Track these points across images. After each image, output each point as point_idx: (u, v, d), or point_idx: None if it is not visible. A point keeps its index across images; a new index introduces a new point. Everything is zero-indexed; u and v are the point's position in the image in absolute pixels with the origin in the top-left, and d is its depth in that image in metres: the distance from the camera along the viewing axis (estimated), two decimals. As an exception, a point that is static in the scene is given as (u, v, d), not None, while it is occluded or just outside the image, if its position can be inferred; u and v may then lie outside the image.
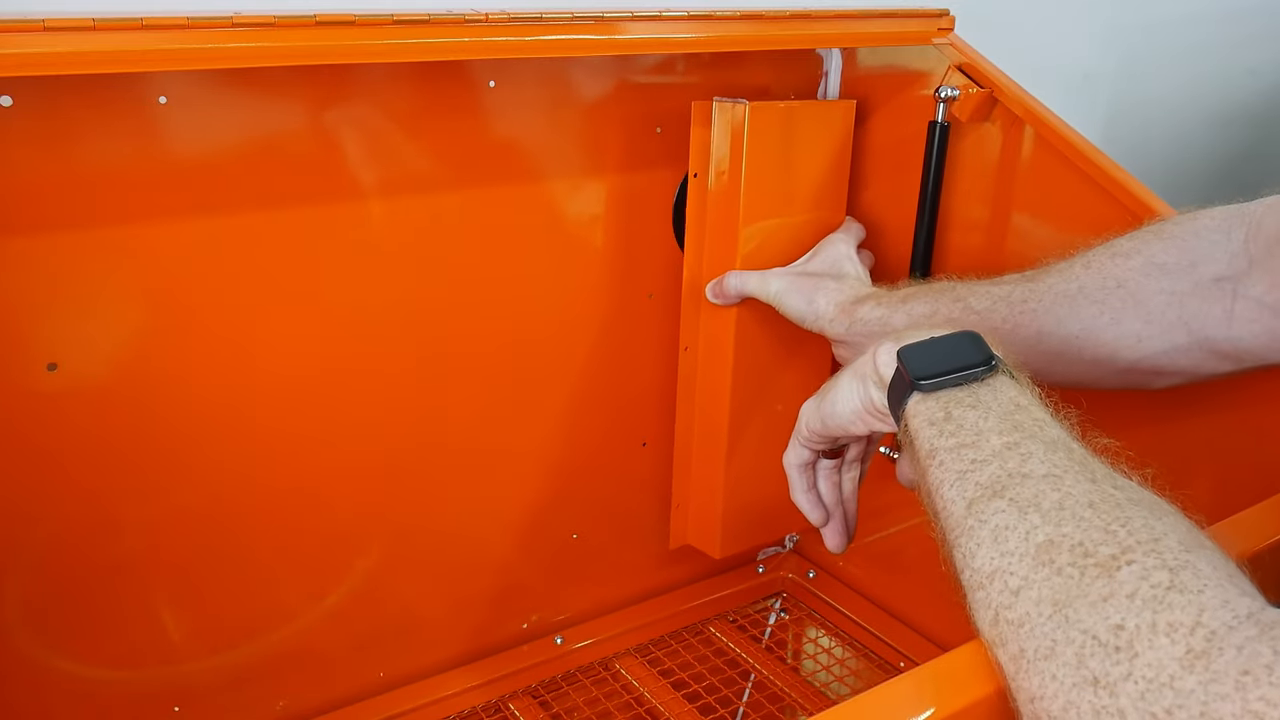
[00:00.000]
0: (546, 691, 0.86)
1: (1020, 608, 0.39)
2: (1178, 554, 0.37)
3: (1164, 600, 0.35)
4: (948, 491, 0.45)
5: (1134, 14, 1.31)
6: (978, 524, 0.42)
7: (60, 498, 0.65)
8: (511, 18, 0.63)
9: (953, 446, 0.46)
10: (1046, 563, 0.39)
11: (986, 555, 0.41)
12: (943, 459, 0.46)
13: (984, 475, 0.44)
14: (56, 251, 0.61)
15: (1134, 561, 0.37)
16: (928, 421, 0.48)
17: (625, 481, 0.90)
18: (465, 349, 0.77)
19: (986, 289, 0.66)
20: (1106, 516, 0.39)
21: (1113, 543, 0.38)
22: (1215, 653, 0.33)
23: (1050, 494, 0.41)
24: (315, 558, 0.76)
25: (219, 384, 0.68)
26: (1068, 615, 0.37)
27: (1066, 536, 0.39)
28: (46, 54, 0.50)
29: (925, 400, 0.49)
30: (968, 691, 0.40)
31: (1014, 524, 0.41)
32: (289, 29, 0.56)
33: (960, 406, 0.47)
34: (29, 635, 0.67)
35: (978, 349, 0.50)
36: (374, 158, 0.69)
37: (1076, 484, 0.42)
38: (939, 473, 0.46)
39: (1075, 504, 0.40)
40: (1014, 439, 0.45)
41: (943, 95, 0.78)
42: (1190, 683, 0.33)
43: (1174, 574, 0.36)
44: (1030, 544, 0.40)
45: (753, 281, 0.78)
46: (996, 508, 0.42)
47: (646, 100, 0.79)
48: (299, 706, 0.79)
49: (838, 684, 0.89)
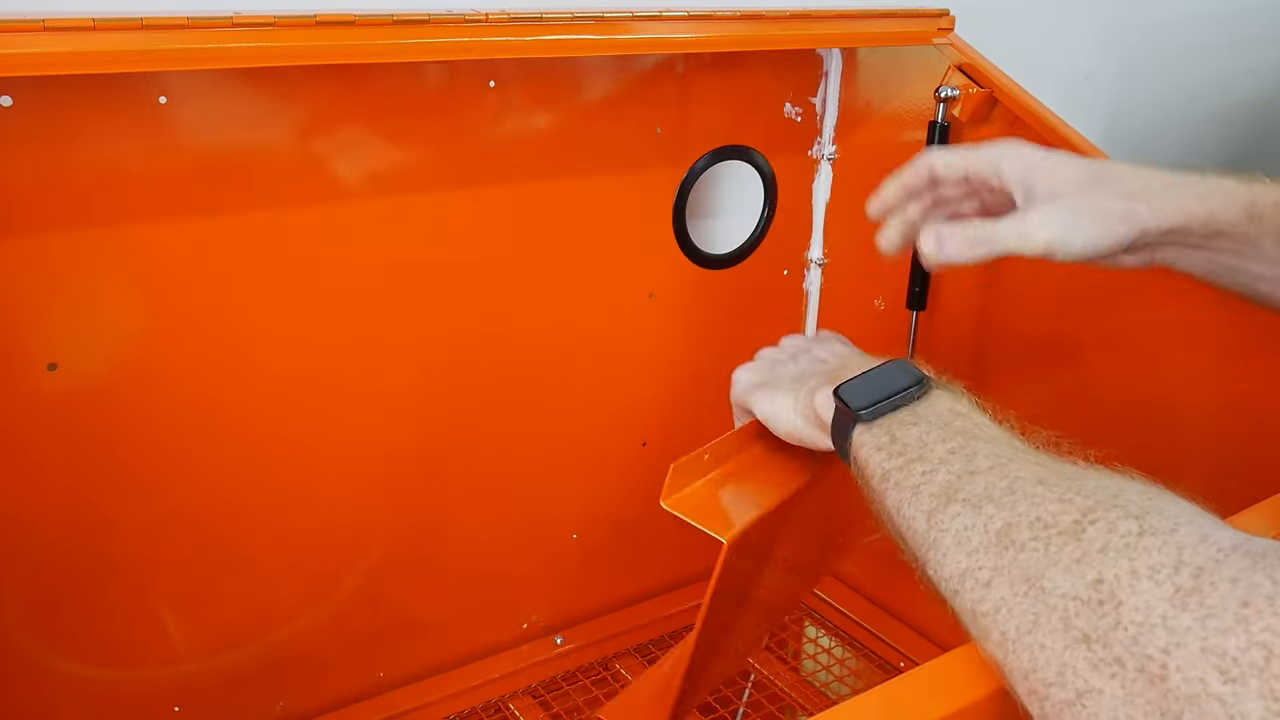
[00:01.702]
0: (546, 691, 0.86)
1: (994, 596, 0.39)
2: (1139, 502, 0.37)
3: (1137, 546, 0.35)
4: (907, 510, 0.45)
5: (1134, 14, 1.31)
6: (939, 534, 0.42)
7: (60, 498, 0.65)
8: (511, 18, 0.63)
9: (902, 465, 0.47)
10: (1009, 545, 0.39)
11: (953, 561, 0.41)
12: (896, 479, 0.47)
13: (934, 485, 0.44)
14: (56, 251, 0.60)
15: (1098, 520, 0.37)
16: (875, 448, 0.49)
17: (625, 481, 0.90)
18: (465, 349, 0.77)
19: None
20: (1058, 489, 0.40)
21: (1071, 509, 0.38)
22: (1208, 588, 0.32)
23: (999, 483, 0.42)
24: (315, 558, 0.76)
25: (219, 384, 0.68)
26: (1043, 586, 0.37)
27: (1022, 515, 0.39)
28: (46, 54, 0.50)
29: (869, 429, 0.50)
30: (968, 691, 0.40)
31: (972, 522, 0.41)
32: (289, 29, 0.56)
33: (903, 427, 0.49)
34: (29, 635, 0.67)
35: (908, 373, 0.52)
36: (374, 158, 0.69)
37: (1023, 467, 0.42)
38: (895, 494, 0.46)
39: (1024, 484, 0.41)
40: (957, 443, 0.46)
41: (943, 95, 0.78)
42: (1185, 620, 0.32)
43: (1140, 520, 0.36)
44: (989, 534, 0.40)
45: None
46: (953, 513, 0.42)
47: (646, 100, 0.79)
48: (299, 706, 0.79)
49: (838, 684, 0.89)
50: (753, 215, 0.89)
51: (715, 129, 0.83)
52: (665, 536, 0.91)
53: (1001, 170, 0.59)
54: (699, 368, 0.90)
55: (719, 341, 0.90)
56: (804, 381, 0.59)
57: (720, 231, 0.89)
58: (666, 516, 0.91)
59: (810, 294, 0.94)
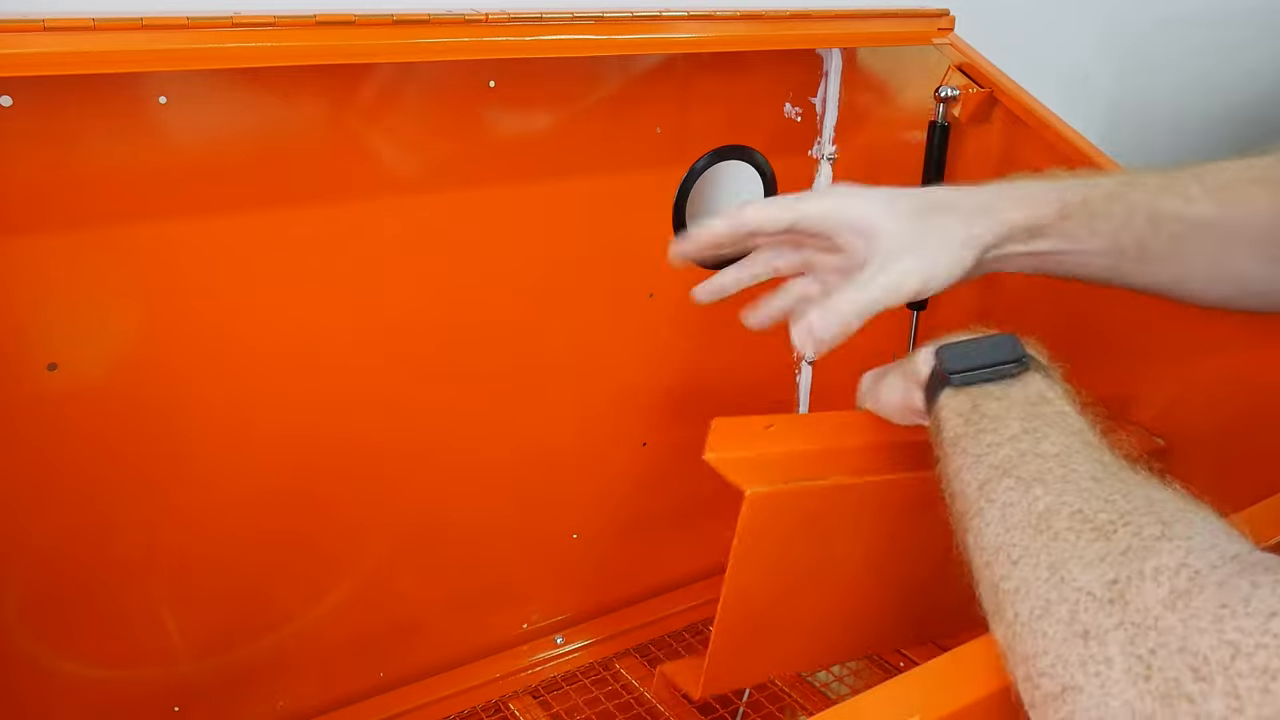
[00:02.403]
0: (546, 691, 0.86)
1: (1018, 575, 0.39)
2: (1171, 511, 0.37)
3: (1153, 548, 0.35)
4: (965, 475, 0.46)
5: (1134, 14, 1.31)
6: (987, 504, 0.43)
7: (60, 498, 0.65)
8: (511, 18, 0.63)
9: (974, 433, 0.47)
10: (1045, 529, 0.39)
11: (993, 533, 0.42)
12: (964, 445, 0.47)
13: (997, 457, 0.45)
14: (56, 251, 0.61)
15: (1130, 523, 0.37)
16: (955, 413, 0.49)
17: (625, 481, 0.90)
18: (465, 349, 0.77)
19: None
20: (1108, 488, 0.40)
21: (1111, 510, 0.39)
22: (1196, 590, 0.33)
23: (1056, 469, 0.42)
24: (315, 557, 0.76)
25: (219, 384, 0.68)
26: (1062, 575, 0.37)
27: (1066, 504, 0.40)
28: (46, 54, 0.50)
29: (956, 395, 0.50)
30: (968, 691, 0.40)
31: (1019, 499, 0.42)
32: (289, 29, 0.56)
33: (989, 399, 0.49)
34: (29, 635, 0.67)
35: (1013, 348, 0.51)
36: (374, 158, 0.69)
37: (1084, 463, 0.42)
38: (959, 459, 0.47)
39: (1079, 477, 0.41)
40: (1032, 425, 0.46)
41: (943, 95, 0.78)
42: (1171, 620, 0.33)
43: (1166, 526, 0.36)
44: (1031, 514, 0.40)
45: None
46: (1005, 486, 0.43)
47: (646, 100, 0.79)
48: (299, 706, 0.79)
49: (838, 684, 0.89)
50: (753, 215, 0.89)
51: (715, 129, 0.83)
52: (665, 536, 0.91)
53: (835, 224, 0.58)
54: (699, 368, 0.90)
55: (719, 341, 0.90)
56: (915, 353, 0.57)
57: (720, 231, 0.89)
58: (667, 516, 0.91)
59: (810, 294, 0.94)
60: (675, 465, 0.91)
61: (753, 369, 0.94)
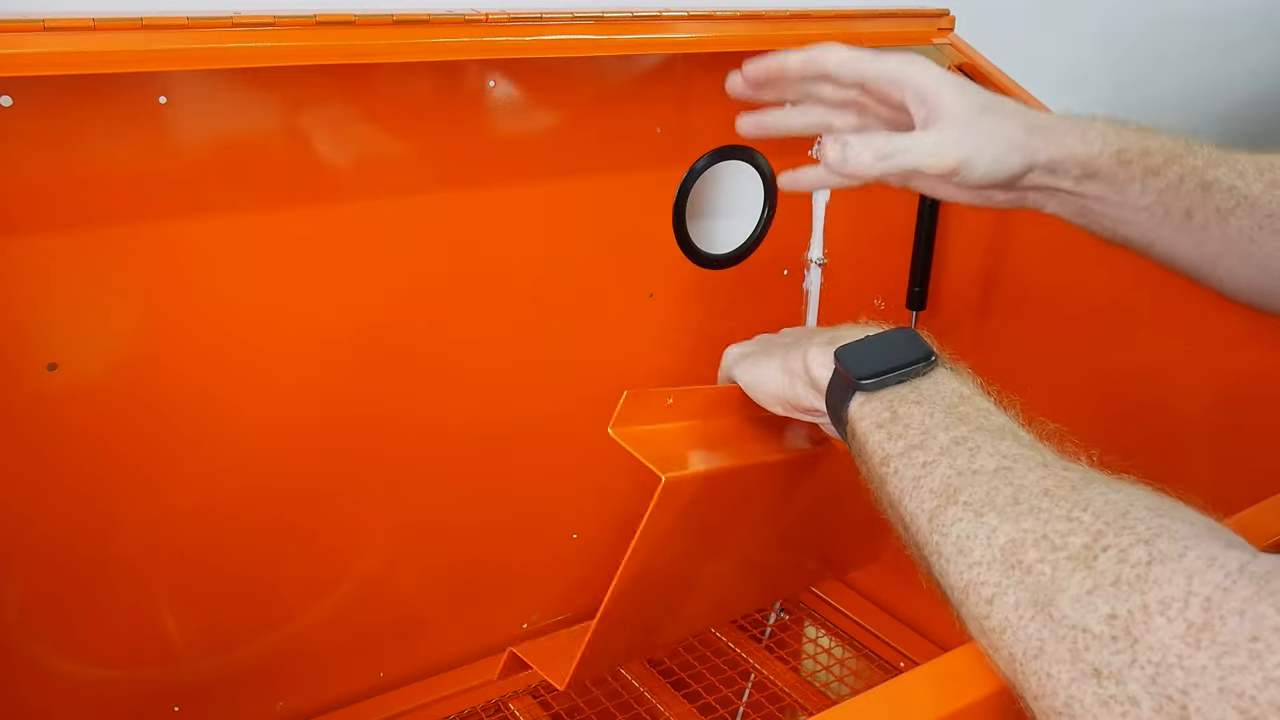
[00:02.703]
0: (546, 691, 0.86)
1: (998, 615, 0.38)
2: (1149, 522, 0.36)
3: (1148, 578, 0.34)
4: (909, 504, 0.44)
5: (1133, 14, 1.31)
6: (941, 539, 0.41)
7: (60, 497, 0.65)
8: (511, 18, 0.63)
9: (903, 450, 0.45)
10: (1015, 565, 0.38)
11: (956, 571, 0.40)
12: (896, 466, 0.45)
13: (935, 479, 0.43)
14: (56, 251, 0.61)
15: (1109, 546, 0.36)
16: (875, 424, 0.47)
17: (625, 481, 0.90)
18: (465, 349, 0.77)
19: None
20: (1065, 503, 0.39)
21: (1080, 531, 0.37)
22: (1218, 622, 0.32)
23: (1003, 489, 0.41)
24: (315, 557, 0.76)
25: (219, 384, 0.68)
26: (1050, 614, 0.36)
27: (1028, 532, 0.38)
28: (46, 54, 0.50)
29: (869, 401, 0.48)
30: (968, 691, 0.40)
31: (973, 531, 0.40)
32: (289, 29, 0.56)
33: (905, 404, 0.47)
34: (29, 635, 0.67)
35: (918, 345, 0.49)
36: (374, 158, 0.69)
37: (1028, 473, 0.41)
38: (896, 483, 0.45)
39: (1030, 495, 0.40)
40: (960, 433, 0.44)
41: (943, 95, 0.78)
42: (1201, 659, 0.32)
43: (1150, 546, 0.35)
44: (994, 548, 0.39)
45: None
46: (954, 516, 0.41)
47: (646, 100, 0.79)
48: (299, 706, 0.79)
49: (838, 684, 0.89)
50: (753, 215, 0.89)
51: (715, 129, 0.83)
52: (665, 536, 0.91)
53: (907, 83, 0.57)
54: (699, 368, 0.90)
55: (719, 341, 0.90)
56: (796, 347, 0.56)
57: (720, 231, 0.89)
58: (666, 516, 0.91)
59: (810, 294, 0.94)
60: (675, 465, 0.91)
61: (753, 369, 0.94)
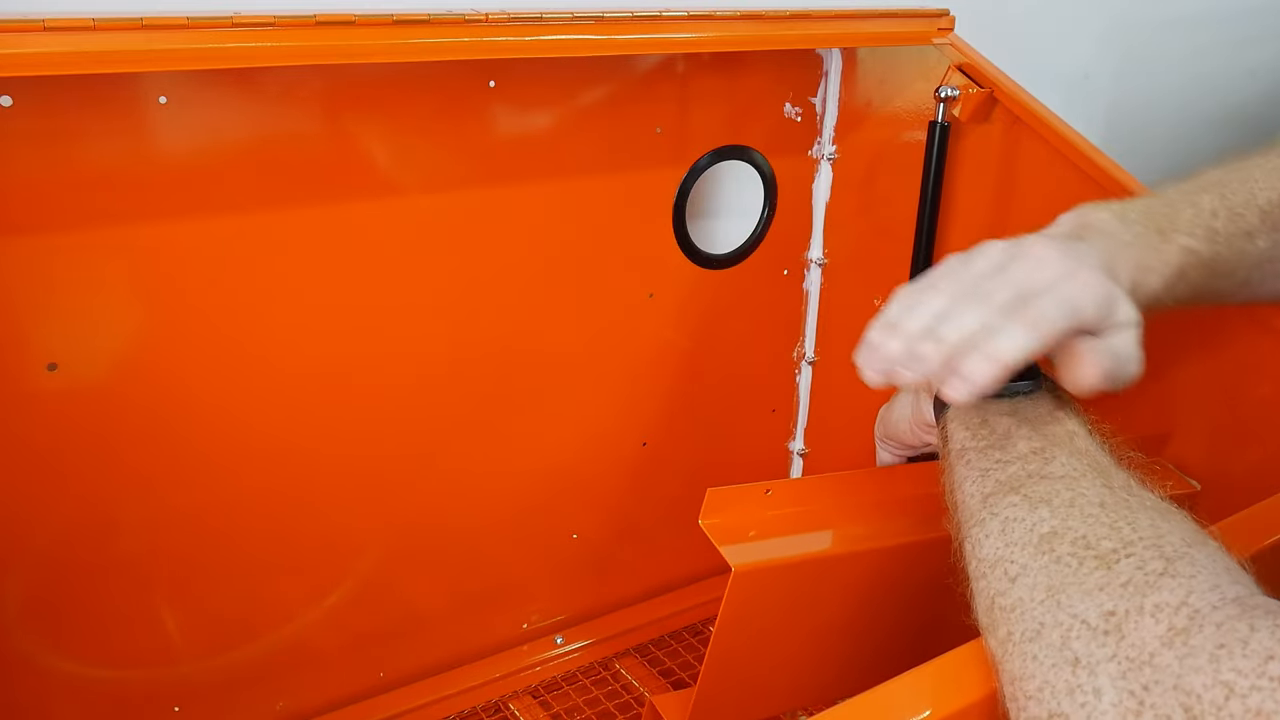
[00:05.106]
0: (546, 691, 0.86)
1: (1015, 593, 0.39)
2: (1178, 548, 0.37)
3: (1154, 584, 0.36)
4: (969, 487, 0.46)
5: (1134, 14, 1.31)
6: (989, 516, 0.43)
7: (60, 498, 0.65)
8: (511, 18, 0.63)
9: (981, 448, 0.47)
10: (1046, 551, 0.39)
11: (993, 545, 0.42)
12: (970, 458, 0.47)
13: (1004, 474, 0.44)
14: (56, 251, 0.61)
15: (1133, 555, 0.37)
16: (963, 425, 0.49)
17: (625, 481, 0.90)
18: (464, 349, 0.77)
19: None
20: (1114, 515, 0.40)
21: (1115, 538, 0.38)
22: (1195, 629, 0.33)
23: (1064, 493, 0.42)
24: (315, 557, 0.76)
25: (219, 384, 0.68)
26: (1059, 600, 0.37)
27: (1071, 529, 0.40)
28: (46, 54, 0.50)
29: (967, 409, 0.50)
30: (968, 691, 0.40)
31: (1023, 516, 0.42)
32: (289, 29, 0.56)
33: (998, 414, 0.48)
34: (29, 635, 0.67)
35: (1028, 368, 0.49)
36: (373, 158, 0.69)
37: (1091, 486, 0.42)
38: (963, 470, 0.47)
39: (1086, 502, 0.41)
40: (1040, 444, 0.45)
41: (943, 95, 0.78)
42: (1168, 658, 0.33)
43: (1169, 563, 0.36)
44: (1034, 535, 0.40)
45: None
46: (1010, 502, 0.43)
47: (646, 100, 0.79)
48: (299, 706, 0.79)
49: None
50: (753, 215, 0.89)
51: (715, 129, 0.83)
52: (665, 536, 0.91)
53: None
54: (699, 368, 0.90)
55: (719, 341, 0.90)
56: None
57: (720, 231, 0.89)
58: (666, 516, 0.91)
59: (810, 294, 0.94)
60: (675, 465, 0.92)
61: (753, 369, 0.94)
